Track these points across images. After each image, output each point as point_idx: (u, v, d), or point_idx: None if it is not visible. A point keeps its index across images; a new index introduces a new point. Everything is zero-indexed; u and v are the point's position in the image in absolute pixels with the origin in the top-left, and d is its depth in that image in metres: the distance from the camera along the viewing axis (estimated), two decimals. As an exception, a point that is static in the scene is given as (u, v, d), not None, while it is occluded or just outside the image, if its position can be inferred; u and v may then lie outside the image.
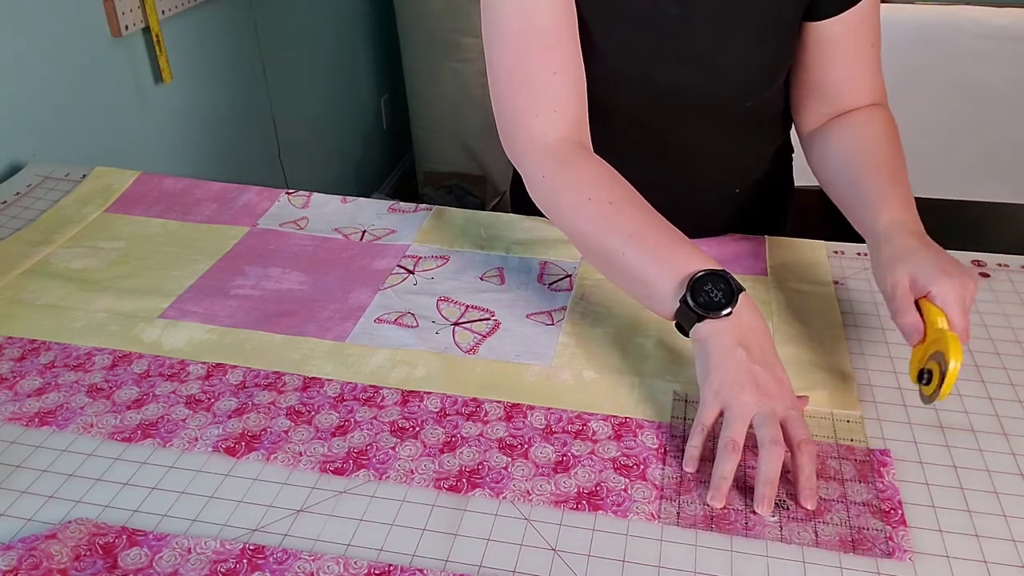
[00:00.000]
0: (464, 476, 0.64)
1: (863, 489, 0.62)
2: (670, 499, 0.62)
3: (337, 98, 2.31)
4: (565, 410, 0.70)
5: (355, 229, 0.97)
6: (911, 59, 1.55)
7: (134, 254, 0.92)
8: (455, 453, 0.66)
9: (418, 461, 0.65)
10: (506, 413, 0.70)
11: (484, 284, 0.87)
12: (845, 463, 0.65)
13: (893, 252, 0.69)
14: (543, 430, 0.68)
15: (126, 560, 0.57)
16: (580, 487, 0.63)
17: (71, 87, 1.25)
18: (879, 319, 0.81)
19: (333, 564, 0.57)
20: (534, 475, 0.64)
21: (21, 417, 0.70)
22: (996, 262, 0.90)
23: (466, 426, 0.68)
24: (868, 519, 0.60)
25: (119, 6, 1.30)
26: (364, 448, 0.66)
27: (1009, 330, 0.80)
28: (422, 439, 0.67)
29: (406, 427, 0.68)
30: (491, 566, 0.57)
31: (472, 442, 0.67)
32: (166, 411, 0.70)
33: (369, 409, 0.70)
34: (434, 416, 0.70)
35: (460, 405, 0.71)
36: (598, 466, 0.65)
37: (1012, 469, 0.65)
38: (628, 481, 0.63)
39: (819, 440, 0.67)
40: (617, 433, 0.68)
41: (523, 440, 0.67)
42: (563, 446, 0.66)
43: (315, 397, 0.72)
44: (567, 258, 0.91)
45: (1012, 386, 0.73)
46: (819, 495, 0.61)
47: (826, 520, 0.60)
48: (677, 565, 0.57)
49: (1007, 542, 0.59)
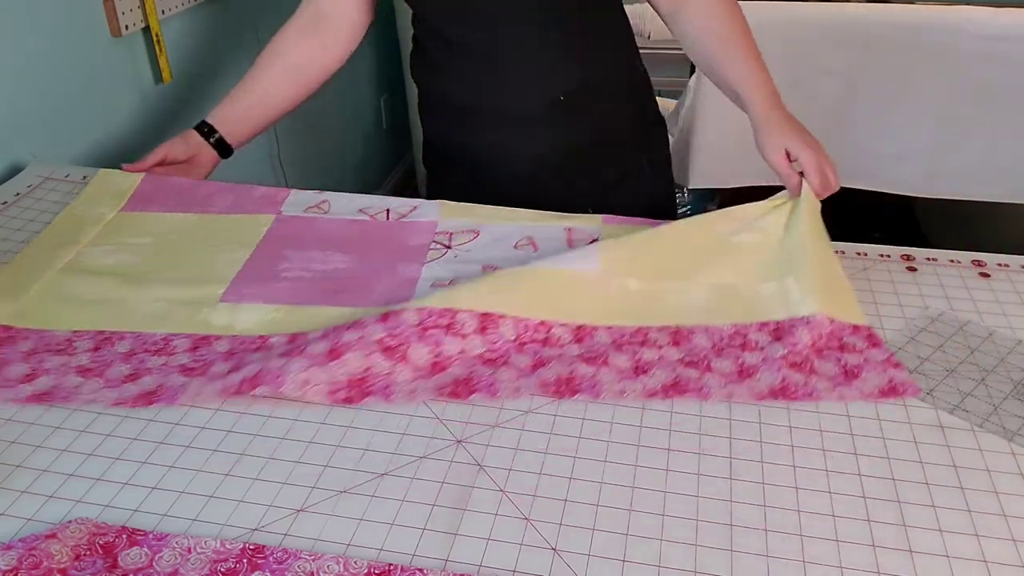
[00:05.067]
0: (563, 383, 0.72)
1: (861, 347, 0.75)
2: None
3: (337, 98, 2.31)
4: (625, 325, 0.79)
5: (379, 208, 0.98)
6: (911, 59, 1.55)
7: (166, 248, 0.93)
8: (547, 366, 0.74)
9: (521, 380, 0.73)
10: (574, 335, 0.78)
11: (519, 251, 0.90)
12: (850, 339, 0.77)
13: (770, 130, 0.89)
14: (612, 344, 0.77)
15: (126, 560, 0.57)
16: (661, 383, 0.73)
17: (71, 87, 1.25)
18: (879, 320, 0.81)
19: (333, 564, 0.57)
20: (620, 379, 0.73)
21: (126, 401, 0.71)
22: (996, 262, 0.90)
23: (544, 351, 0.76)
24: (871, 372, 0.73)
25: (119, 6, 1.30)
26: (467, 376, 0.73)
27: (1009, 330, 0.80)
28: (513, 363, 0.74)
29: (493, 357, 0.75)
30: (491, 566, 0.57)
31: (555, 358, 0.75)
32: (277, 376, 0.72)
33: (455, 339, 0.75)
34: (513, 345, 0.76)
35: (531, 330, 0.77)
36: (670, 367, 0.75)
37: (1012, 469, 0.65)
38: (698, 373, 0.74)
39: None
40: (674, 340, 0.77)
41: (598, 353, 0.75)
42: (634, 355, 0.75)
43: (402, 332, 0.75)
44: (587, 224, 0.94)
45: (1012, 384, 0.73)
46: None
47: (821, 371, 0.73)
48: (677, 565, 0.57)
49: (1007, 542, 0.59)
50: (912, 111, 1.60)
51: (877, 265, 0.90)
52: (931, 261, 0.90)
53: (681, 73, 2.00)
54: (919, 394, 0.70)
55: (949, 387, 0.73)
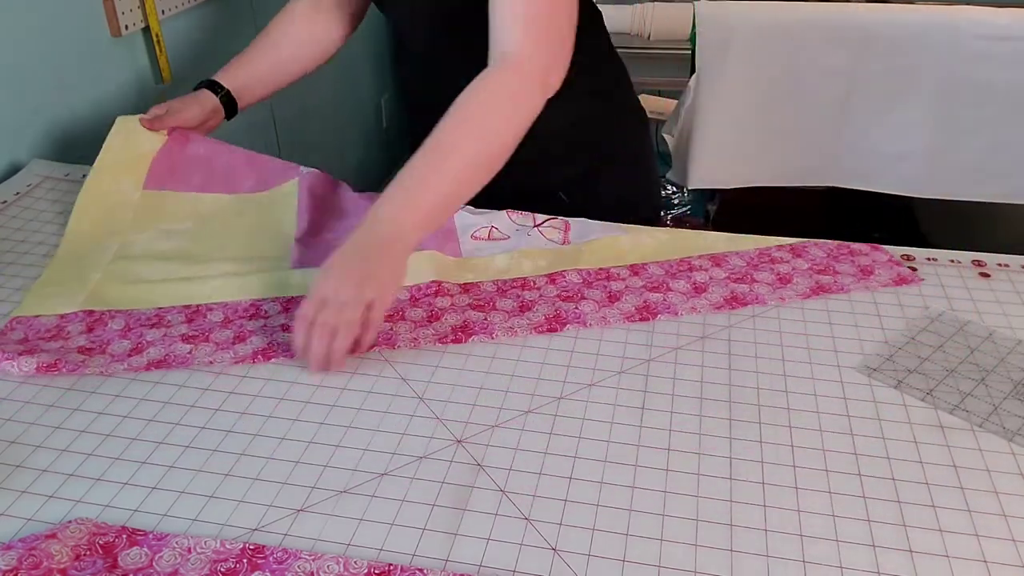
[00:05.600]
0: (551, 320, 0.81)
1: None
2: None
3: (337, 98, 2.31)
4: (590, 268, 0.88)
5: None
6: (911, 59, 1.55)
7: (210, 231, 0.94)
8: (532, 308, 0.83)
9: (513, 320, 0.81)
10: (548, 279, 0.87)
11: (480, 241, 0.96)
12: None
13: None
14: (583, 282, 0.86)
15: (126, 560, 0.57)
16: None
17: (71, 87, 1.25)
18: (879, 319, 0.81)
19: (333, 564, 0.57)
20: (600, 308, 0.82)
21: (245, 358, 0.76)
22: (996, 262, 0.90)
23: (525, 294, 0.85)
24: (802, 277, 0.86)
25: (119, 6, 1.30)
26: (463, 324, 0.80)
27: (1009, 330, 0.80)
28: (500, 307, 0.83)
29: (480, 304, 0.83)
30: (491, 566, 0.57)
31: (537, 301, 0.84)
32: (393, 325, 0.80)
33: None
34: (495, 293, 0.85)
35: (509, 282, 0.86)
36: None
37: (1012, 469, 0.65)
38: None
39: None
40: (633, 271, 0.88)
41: (574, 291, 0.85)
42: (604, 288, 0.86)
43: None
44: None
45: (1012, 384, 0.73)
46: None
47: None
48: (677, 565, 0.57)
49: (1007, 542, 0.59)
50: (912, 111, 1.60)
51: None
52: (931, 261, 0.90)
53: (681, 73, 2.00)
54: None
55: (949, 387, 0.73)
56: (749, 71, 1.60)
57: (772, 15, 1.57)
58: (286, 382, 0.74)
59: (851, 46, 1.56)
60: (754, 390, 0.73)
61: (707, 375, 0.75)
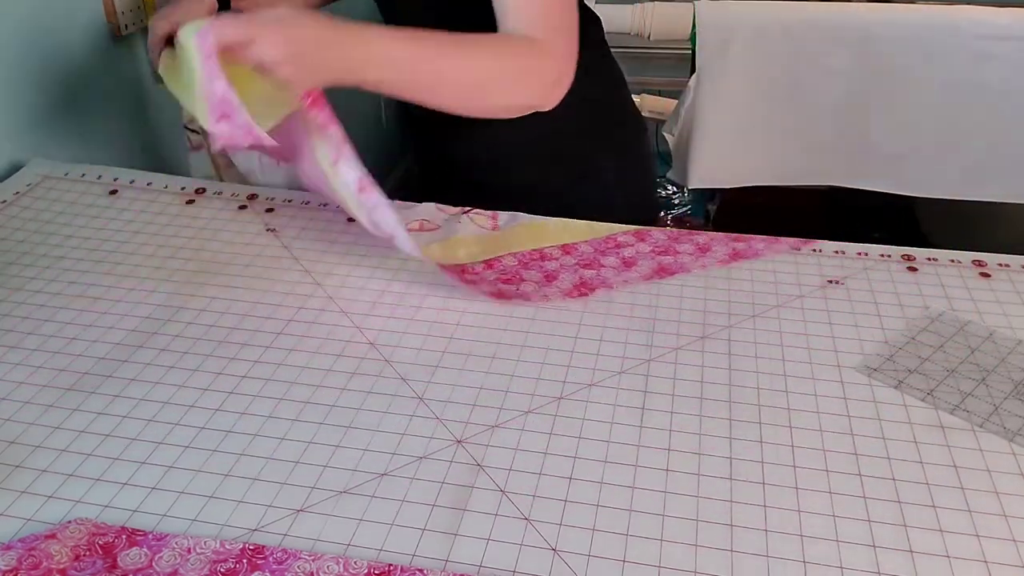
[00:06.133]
0: (581, 285, 0.86)
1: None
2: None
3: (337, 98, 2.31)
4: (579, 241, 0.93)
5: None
6: (911, 59, 1.55)
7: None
8: (558, 277, 0.87)
9: (544, 288, 0.86)
10: (563, 250, 0.92)
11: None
12: None
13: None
14: (595, 251, 0.91)
15: (126, 560, 0.57)
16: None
17: (71, 87, 1.25)
18: (879, 319, 0.81)
19: (333, 564, 0.57)
20: (620, 271, 0.88)
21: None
22: (996, 262, 0.90)
23: (547, 264, 0.90)
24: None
25: (119, 6, 1.30)
26: (497, 291, 0.84)
27: (1010, 330, 0.80)
28: (528, 279, 0.87)
29: (507, 279, 0.87)
30: (491, 566, 0.57)
31: (559, 270, 0.89)
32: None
33: (469, 276, 0.87)
34: (518, 266, 0.89)
35: (528, 255, 0.91)
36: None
37: (1012, 469, 0.65)
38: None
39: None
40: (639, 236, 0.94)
41: (590, 259, 0.90)
42: (618, 255, 0.91)
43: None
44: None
45: (1013, 384, 0.73)
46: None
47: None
48: (677, 565, 0.57)
49: (1007, 542, 0.59)
50: (912, 111, 1.60)
51: (878, 265, 0.90)
52: (932, 261, 0.90)
53: (681, 73, 2.00)
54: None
55: (950, 387, 0.73)
56: (749, 71, 1.60)
57: (772, 15, 1.57)
58: (286, 382, 0.74)
59: (851, 46, 1.56)
60: (754, 390, 0.73)
61: (707, 375, 0.75)
